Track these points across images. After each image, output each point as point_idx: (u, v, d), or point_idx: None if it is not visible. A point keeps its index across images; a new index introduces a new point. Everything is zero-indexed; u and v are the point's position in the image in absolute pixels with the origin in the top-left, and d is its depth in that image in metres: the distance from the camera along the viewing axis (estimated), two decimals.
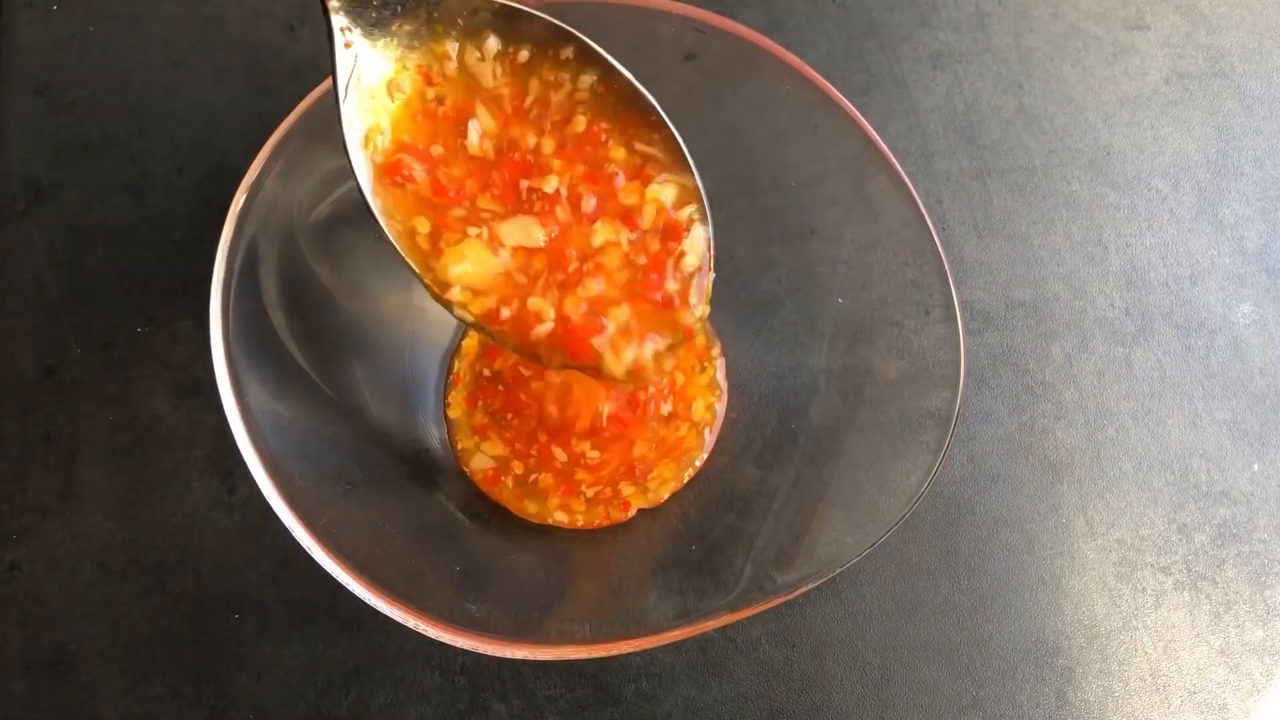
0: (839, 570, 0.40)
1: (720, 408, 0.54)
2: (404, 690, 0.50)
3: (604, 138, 0.40)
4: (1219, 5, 0.67)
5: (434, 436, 0.53)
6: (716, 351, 0.55)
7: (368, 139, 0.39)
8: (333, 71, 0.38)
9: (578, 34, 0.40)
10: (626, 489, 0.52)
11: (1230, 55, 0.65)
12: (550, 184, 0.40)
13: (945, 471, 0.55)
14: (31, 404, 0.53)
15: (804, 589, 0.39)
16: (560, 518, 0.51)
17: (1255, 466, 0.56)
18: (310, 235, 0.46)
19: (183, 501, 0.52)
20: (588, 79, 0.40)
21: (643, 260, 0.40)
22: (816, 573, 0.40)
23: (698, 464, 0.53)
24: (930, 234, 0.44)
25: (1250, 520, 0.55)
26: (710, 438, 0.53)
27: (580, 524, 0.51)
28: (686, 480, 0.52)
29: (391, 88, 0.39)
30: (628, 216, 0.40)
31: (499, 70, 0.40)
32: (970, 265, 0.59)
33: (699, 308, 0.40)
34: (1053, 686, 0.52)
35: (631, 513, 0.51)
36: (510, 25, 0.39)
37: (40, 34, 0.60)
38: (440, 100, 0.40)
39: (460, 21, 0.39)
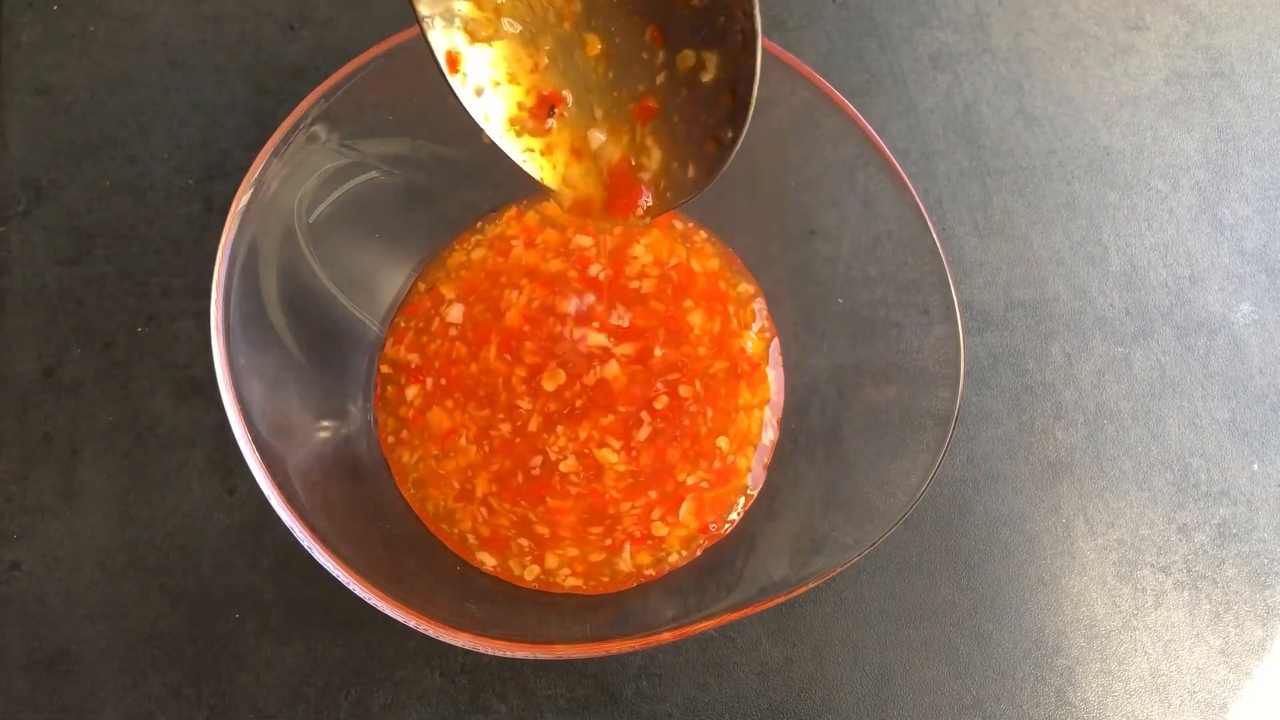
0: (839, 570, 0.40)
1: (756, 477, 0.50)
2: (404, 690, 0.50)
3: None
4: (1219, 5, 0.67)
5: None
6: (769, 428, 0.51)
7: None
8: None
9: None
10: (642, 558, 0.47)
11: (1230, 55, 0.65)
12: None
13: (945, 471, 0.55)
14: (31, 404, 0.53)
15: (804, 589, 0.39)
16: (533, 572, 0.47)
17: (1255, 466, 0.56)
18: (310, 235, 0.46)
19: (183, 501, 0.52)
20: None
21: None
22: (816, 573, 0.40)
23: (727, 527, 0.49)
24: (930, 234, 0.44)
25: (1250, 520, 0.55)
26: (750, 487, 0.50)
27: (571, 586, 0.47)
28: (701, 548, 0.48)
29: None
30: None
31: None
32: (970, 265, 0.59)
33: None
34: (1052, 686, 0.52)
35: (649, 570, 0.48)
36: None
37: (40, 34, 0.60)
38: None
39: None
